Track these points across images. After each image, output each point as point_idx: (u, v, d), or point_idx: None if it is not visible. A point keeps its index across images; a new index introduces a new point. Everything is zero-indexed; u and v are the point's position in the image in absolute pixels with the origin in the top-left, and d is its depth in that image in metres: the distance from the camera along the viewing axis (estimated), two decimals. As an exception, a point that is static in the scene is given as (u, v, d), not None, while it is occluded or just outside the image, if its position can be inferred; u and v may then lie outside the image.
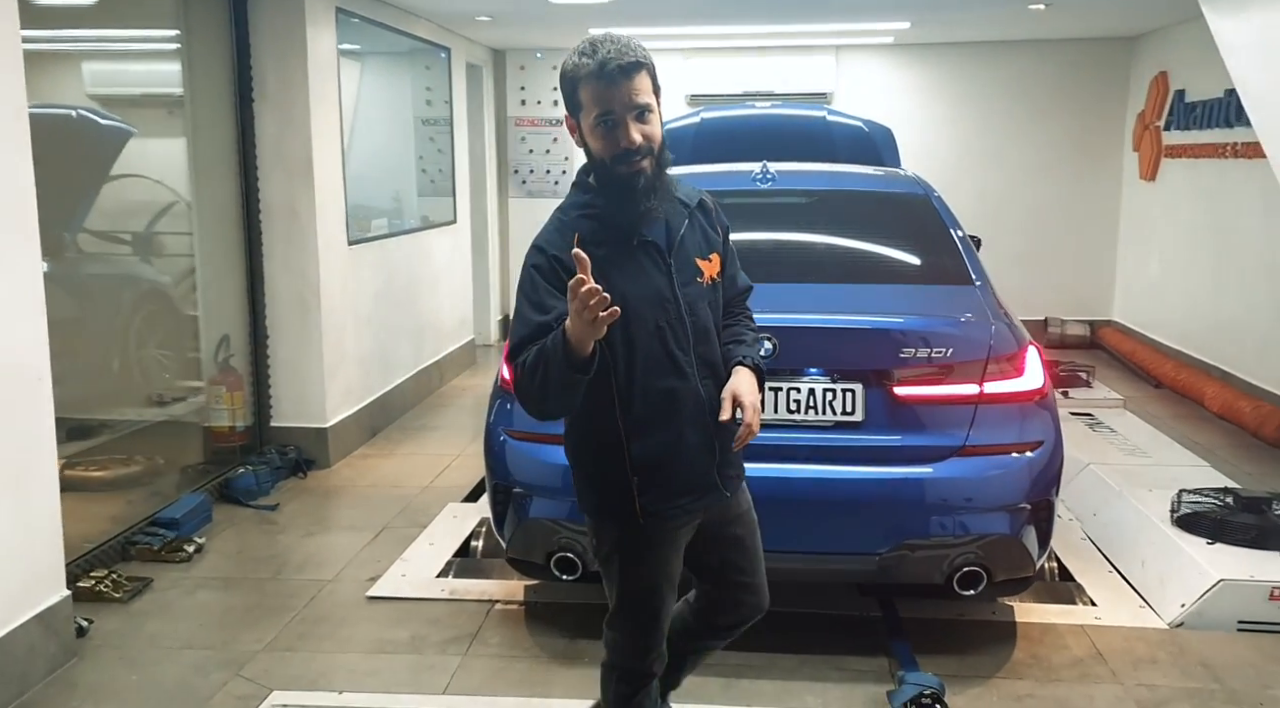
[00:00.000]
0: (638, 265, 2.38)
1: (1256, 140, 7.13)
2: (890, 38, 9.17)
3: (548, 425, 3.58)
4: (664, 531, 2.50)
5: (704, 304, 2.47)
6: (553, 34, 8.97)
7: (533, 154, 9.96)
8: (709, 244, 2.53)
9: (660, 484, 2.44)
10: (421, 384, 7.62)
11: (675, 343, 2.40)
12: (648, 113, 2.32)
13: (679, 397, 2.41)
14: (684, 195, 2.53)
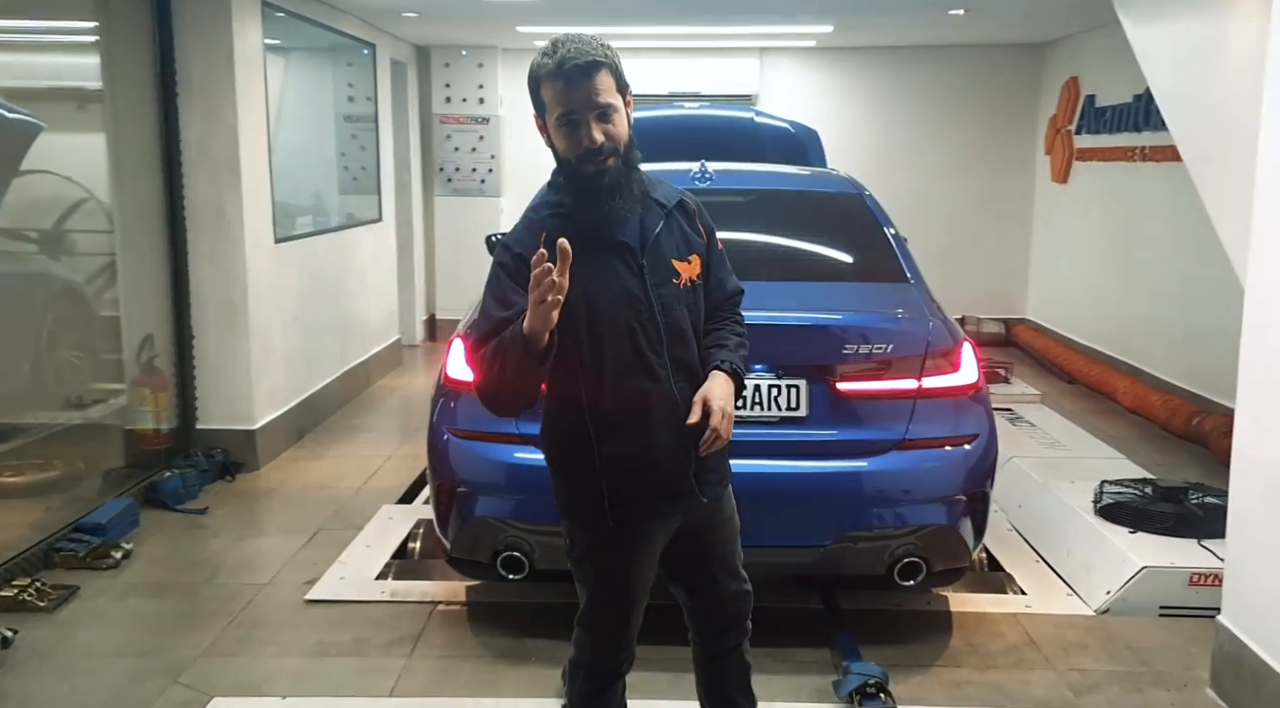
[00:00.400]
0: (608, 266, 2.36)
1: (1165, 144, 7.43)
2: (813, 41, 9.32)
3: (492, 424, 3.65)
4: (635, 533, 2.47)
5: (680, 306, 2.43)
6: (479, 31, 8.92)
7: (459, 152, 9.88)
8: (688, 245, 2.49)
9: (631, 487, 2.42)
10: (349, 385, 7.52)
11: (647, 344, 2.37)
12: (610, 112, 2.30)
13: (650, 399, 2.38)
14: (662, 195, 2.48)
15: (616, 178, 2.34)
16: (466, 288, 9.98)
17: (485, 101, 9.80)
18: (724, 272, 2.62)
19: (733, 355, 2.48)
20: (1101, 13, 7.70)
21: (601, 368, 2.36)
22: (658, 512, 2.47)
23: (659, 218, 2.45)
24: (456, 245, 9.98)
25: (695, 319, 2.48)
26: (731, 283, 2.64)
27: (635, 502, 2.44)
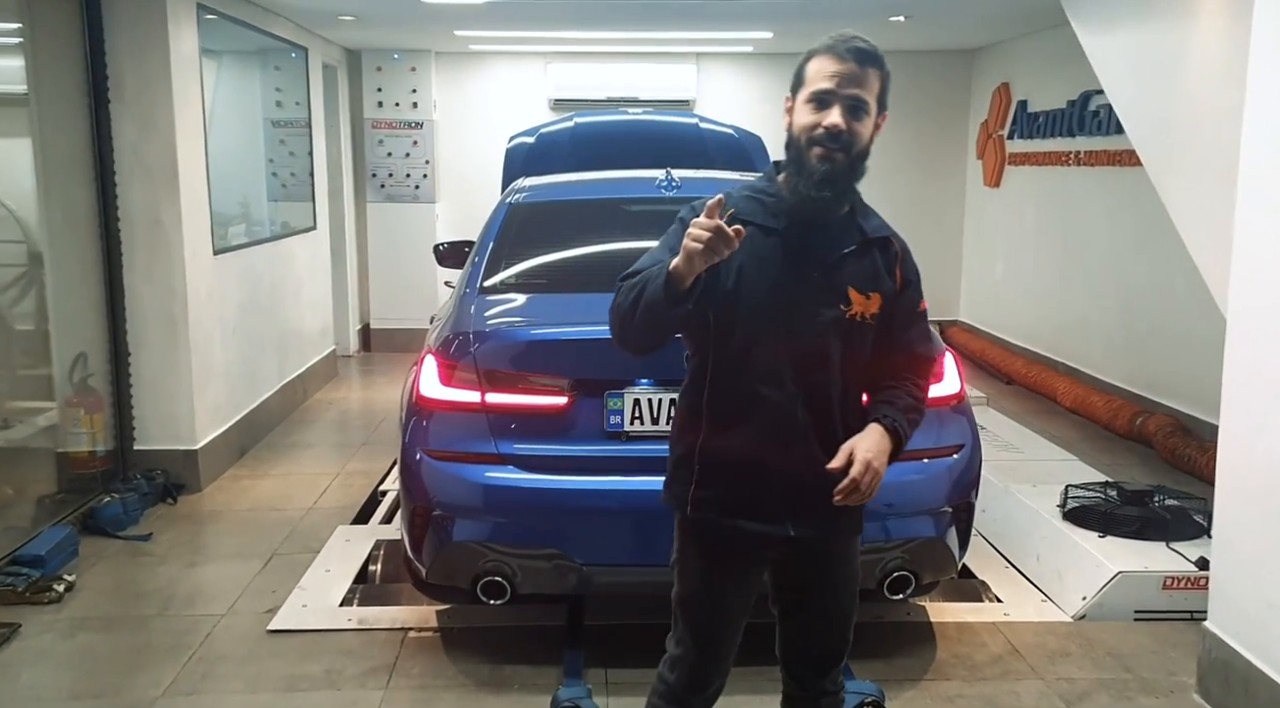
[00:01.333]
0: (777, 258, 2.25)
1: (1100, 149, 7.58)
2: (750, 47, 9.31)
3: (468, 444, 3.55)
4: (714, 538, 2.37)
5: (834, 336, 2.26)
6: (413, 35, 8.73)
7: (391, 157, 9.66)
8: (875, 282, 2.31)
9: (720, 486, 2.33)
10: (287, 399, 7.28)
11: (783, 354, 2.24)
12: (862, 109, 2.20)
13: (767, 407, 2.26)
14: (869, 225, 2.34)
15: (836, 173, 2.21)
16: (402, 296, 9.81)
17: (419, 106, 9.60)
18: (916, 334, 2.40)
19: (898, 415, 2.29)
20: (1033, 20, 7.86)
21: (730, 352, 2.27)
22: (741, 529, 2.33)
23: (854, 241, 2.31)
24: (390, 252, 9.78)
25: (849, 355, 2.29)
26: (923, 348, 2.42)
27: (720, 504, 2.34)
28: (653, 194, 4.42)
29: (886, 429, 2.25)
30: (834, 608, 2.51)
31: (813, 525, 2.34)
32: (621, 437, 3.48)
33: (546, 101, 9.71)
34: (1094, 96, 7.64)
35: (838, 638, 2.54)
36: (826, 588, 2.48)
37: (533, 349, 3.57)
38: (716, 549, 2.40)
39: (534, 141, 6.58)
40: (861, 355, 2.32)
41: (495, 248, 4.17)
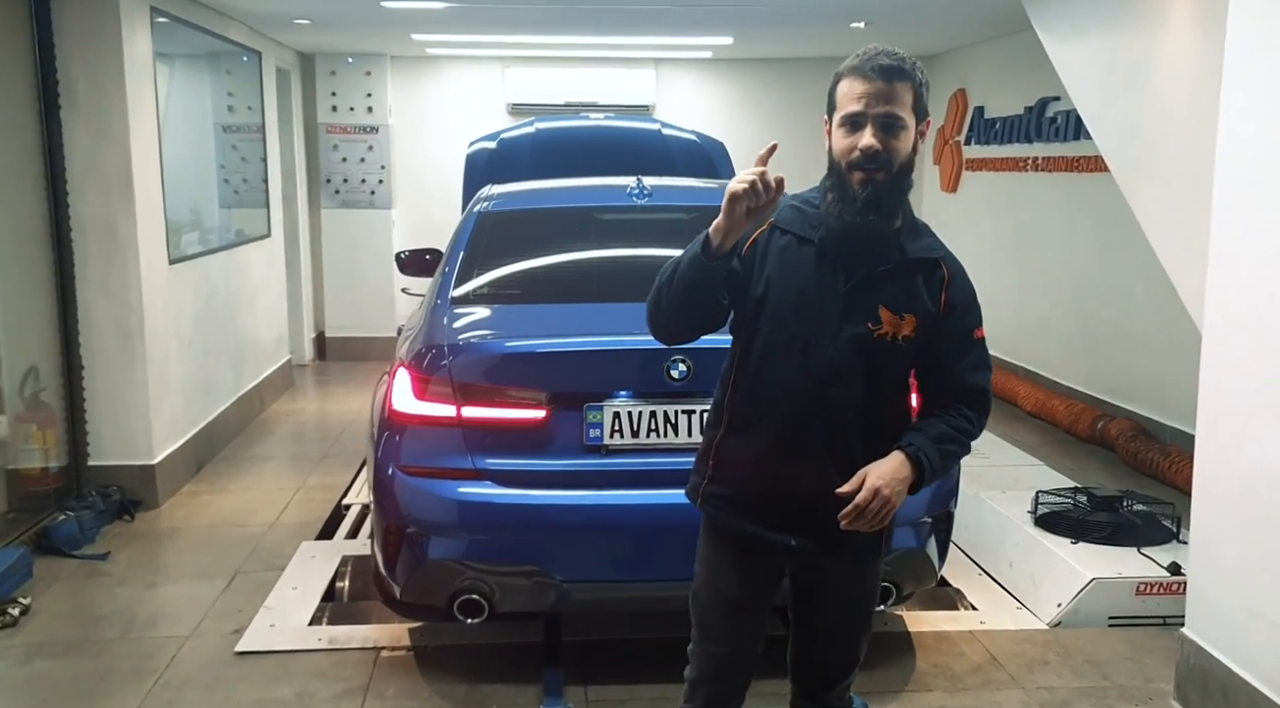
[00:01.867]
0: (808, 269, 2.25)
1: (1057, 155, 7.65)
2: (709, 53, 9.30)
3: (444, 459, 3.47)
4: (722, 534, 2.41)
5: (862, 353, 2.23)
6: (369, 39, 8.60)
7: (346, 163, 9.52)
8: (911, 303, 2.25)
9: (730, 486, 2.35)
10: (244, 410, 7.12)
11: (804, 365, 2.22)
12: (897, 126, 2.16)
13: (779, 416, 2.26)
14: (915, 247, 2.28)
15: (879, 194, 2.18)
16: (357, 303, 9.67)
17: (374, 110, 9.47)
18: (966, 363, 2.30)
19: (927, 444, 2.22)
20: (990, 27, 7.92)
21: (752, 363, 2.30)
22: (745, 530, 2.35)
23: (891, 260, 2.26)
24: (346, 259, 9.64)
25: (874, 375, 2.26)
26: (971, 378, 2.31)
27: (729, 502, 2.37)
28: (624, 202, 4.37)
29: (909, 457, 2.21)
30: (843, 624, 2.49)
31: (816, 541, 2.31)
32: (601, 450, 3.43)
33: (504, 106, 9.63)
34: (1051, 103, 7.71)
35: (844, 654, 2.52)
36: (835, 603, 2.46)
37: (510, 362, 3.50)
38: (722, 546, 2.43)
39: (495, 146, 6.50)
40: (892, 377, 2.28)
41: (466, 258, 4.09)
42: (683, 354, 3.37)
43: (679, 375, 3.38)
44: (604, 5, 6.80)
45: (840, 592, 2.45)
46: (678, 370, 3.37)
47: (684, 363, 3.37)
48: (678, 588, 3.45)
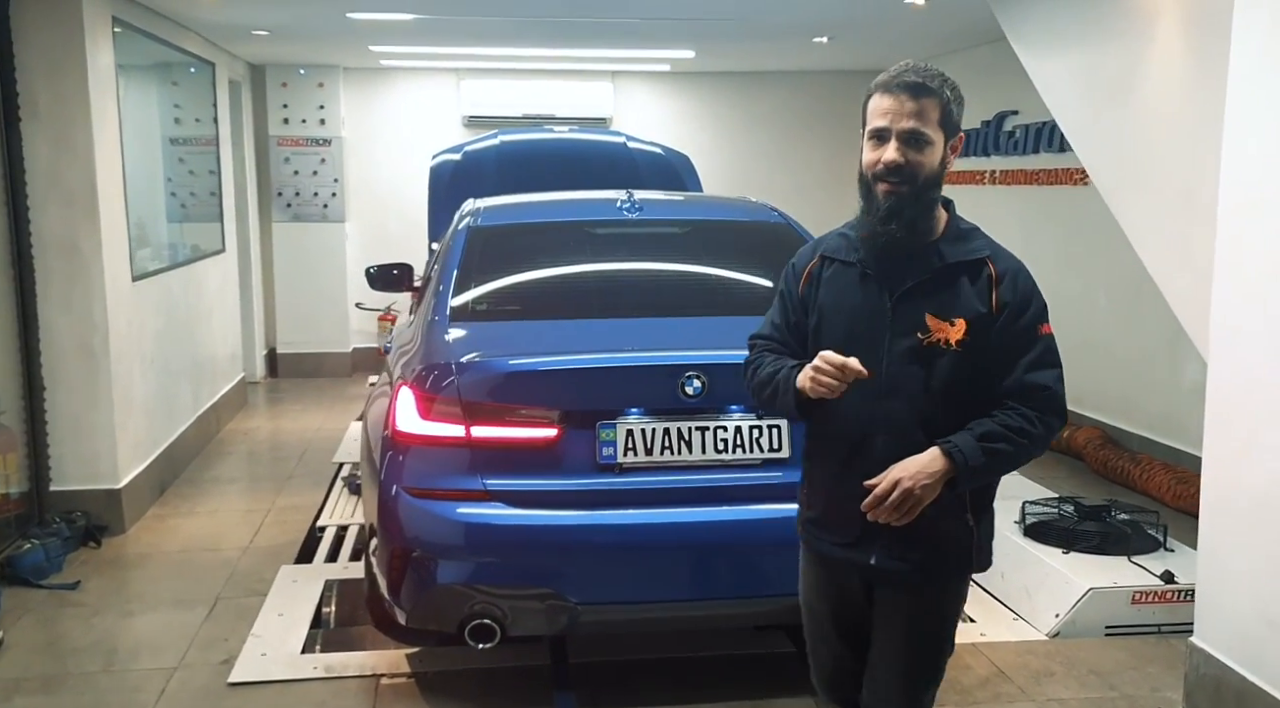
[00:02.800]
0: (854, 291, 2.35)
1: (1015, 168, 7.78)
2: (667, 66, 9.29)
3: (452, 480, 3.39)
4: (813, 556, 2.51)
5: (914, 363, 2.26)
6: (323, 50, 8.45)
7: (298, 176, 9.32)
8: (958, 307, 2.26)
9: (816, 509, 2.46)
10: (202, 431, 6.92)
11: (863, 387, 2.23)
12: (920, 140, 2.22)
13: (846, 436, 2.33)
14: (956, 251, 2.29)
15: (901, 205, 2.24)
16: (310, 319, 9.47)
17: (327, 122, 9.30)
18: (1026, 361, 2.26)
19: (967, 440, 2.21)
20: (946, 42, 8.02)
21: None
22: (822, 542, 2.45)
23: (933, 266, 2.29)
24: (298, 274, 9.44)
25: (939, 382, 2.26)
26: (1031, 376, 2.26)
27: (816, 525, 2.47)
28: (615, 216, 4.32)
29: (942, 452, 2.22)
30: (900, 659, 2.42)
31: (892, 555, 2.32)
32: (615, 469, 3.36)
33: (460, 118, 9.52)
34: (1009, 117, 7.84)
35: (902, 691, 2.44)
36: (898, 631, 2.41)
37: (521, 380, 3.42)
38: (813, 565, 2.53)
39: (460, 159, 6.44)
40: (952, 385, 2.27)
41: (460, 274, 3.99)
42: (697, 371, 3.33)
43: (693, 392, 3.33)
44: (569, 18, 6.76)
45: (905, 622, 2.40)
46: (692, 387, 3.33)
47: (698, 379, 3.33)
48: (694, 608, 3.47)
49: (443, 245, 4.42)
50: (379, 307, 9.40)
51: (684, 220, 4.52)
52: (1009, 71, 7.75)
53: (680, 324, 3.75)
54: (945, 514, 2.27)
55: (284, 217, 9.39)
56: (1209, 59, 3.85)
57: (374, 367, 9.51)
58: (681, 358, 3.36)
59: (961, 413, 2.27)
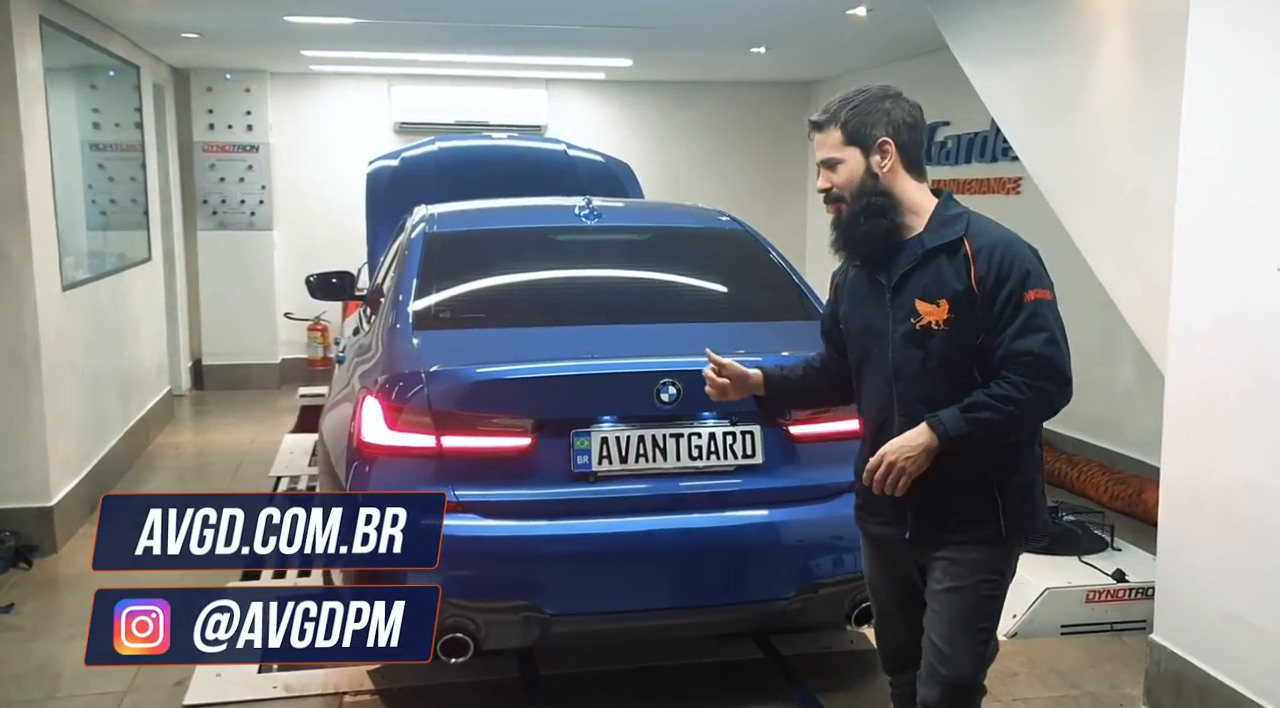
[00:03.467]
0: (869, 297, 2.58)
1: (948, 178, 7.91)
2: (602, 74, 9.28)
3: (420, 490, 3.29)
4: (867, 536, 2.73)
5: (912, 346, 2.47)
6: (250, 54, 8.27)
7: (224, 183, 9.09)
8: (939, 288, 2.43)
9: (861, 493, 2.65)
10: (131, 445, 6.69)
11: (880, 374, 2.54)
12: (836, 165, 2.52)
13: (873, 421, 2.59)
14: (935, 237, 2.46)
15: (849, 222, 2.52)
16: (237, 330, 9.22)
17: (254, 128, 9.08)
18: (1012, 329, 2.37)
19: (950, 413, 2.38)
20: (880, 53, 8.15)
21: (860, 386, 2.64)
22: (868, 523, 2.68)
23: (915, 257, 2.48)
24: (224, 284, 9.20)
25: (935, 361, 2.45)
26: (1015, 343, 2.37)
27: (862, 509, 2.68)
28: (575, 222, 4.29)
29: (928, 426, 2.41)
30: (948, 629, 2.49)
31: (922, 530, 2.52)
32: (590, 477, 3.32)
33: (391, 125, 9.38)
34: (941, 128, 7.98)
35: (937, 657, 2.50)
36: (943, 601, 2.51)
37: (493, 388, 3.36)
38: (869, 547, 2.75)
39: (398, 165, 6.32)
40: (947, 361, 2.44)
41: (421, 281, 3.91)
42: (672, 377, 3.31)
43: (669, 399, 3.31)
44: (506, 24, 6.71)
45: (954, 580, 2.49)
46: (667, 393, 3.31)
47: (674, 386, 3.31)
48: (671, 617, 3.45)
49: (397, 252, 4.32)
50: (308, 316, 9.20)
51: (644, 227, 4.51)
52: (939, 83, 7.91)
53: (652, 330, 3.73)
54: (967, 489, 2.45)
55: (210, 225, 9.15)
56: (1157, 68, 3.96)
57: (304, 378, 9.34)
58: (657, 364, 3.34)
59: (964, 390, 2.42)
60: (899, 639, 2.74)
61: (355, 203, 7.60)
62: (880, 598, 2.77)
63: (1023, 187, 7.05)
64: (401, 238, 4.44)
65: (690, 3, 6.09)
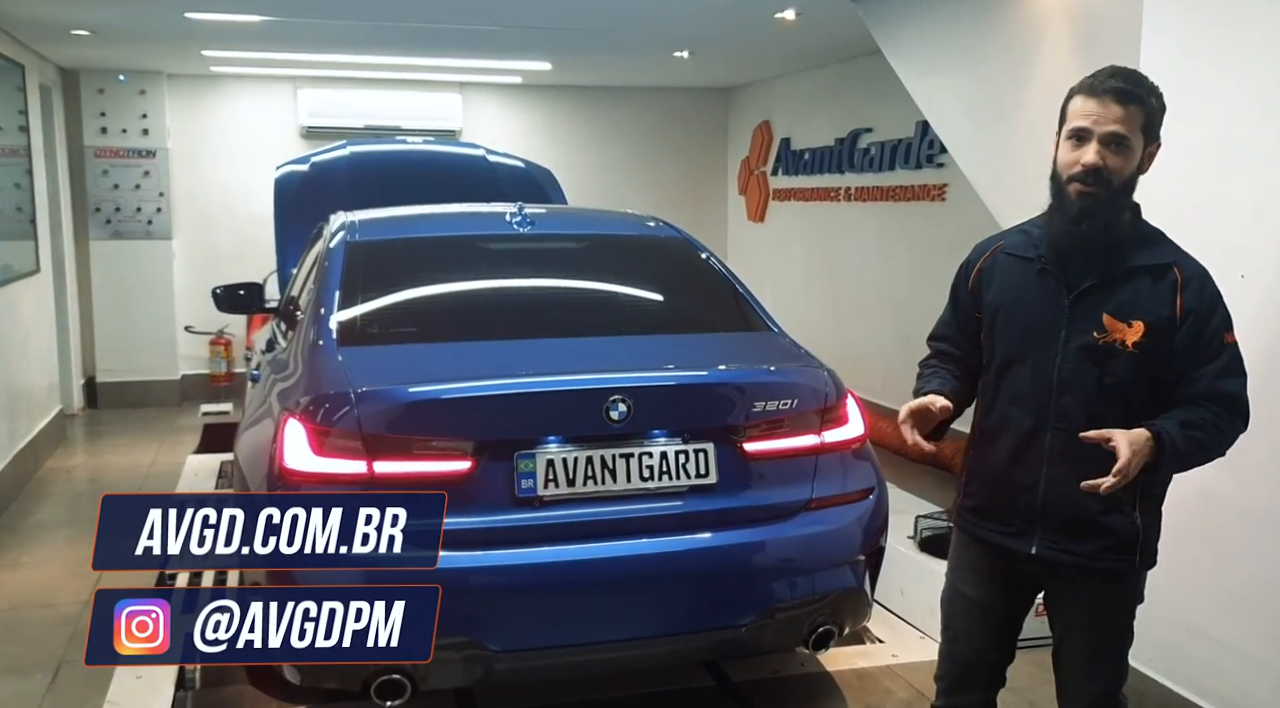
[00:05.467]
0: (1032, 287, 2.40)
1: (870, 185, 7.89)
2: (518, 78, 9.06)
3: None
4: (968, 543, 2.57)
5: (1089, 362, 2.33)
6: (147, 54, 7.83)
7: (119, 190, 8.62)
8: (1137, 308, 2.30)
9: (977, 497, 2.52)
10: (20, 470, 6.24)
11: (1037, 378, 2.36)
12: (1121, 146, 2.26)
13: (1014, 428, 2.40)
14: (1141, 255, 2.34)
15: (1094, 207, 2.28)
16: (134, 345, 8.75)
17: (150, 132, 8.64)
18: (1212, 368, 2.29)
19: (1170, 425, 2.25)
20: (805, 58, 8.10)
21: (997, 381, 2.46)
22: (983, 534, 2.51)
23: (1118, 269, 2.33)
24: (119, 296, 8.72)
25: (1113, 380, 2.32)
26: (1219, 384, 2.29)
27: (974, 512, 2.53)
28: (507, 231, 4.08)
29: (1152, 433, 2.24)
30: (1083, 656, 2.49)
31: (1055, 547, 2.40)
32: (535, 502, 3.10)
33: (297, 129, 9.02)
34: (863, 134, 7.96)
35: (1093, 684, 2.50)
36: (1077, 631, 2.50)
37: (430, 408, 3.12)
38: (969, 550, 2.59)
39: (307, 170, 6.06)
40: (1125, 383, 2.31)
41: (344, 294, 3.65)
42: (622, 394, 3.12)
43: (618, 417, 3.12)
44: (419, 23, 6.45)
45: (1087, 611, 2.48)
46: (617, 411, 3.11)
47: (624, 403, 3.11)
48: (625, 649, 3.24)
49: (316, 262, 4.05)
50: (211, 330, 8.78)
51: (581, 235, 4.31)
52: (862, 89, 7.92)
53: (597, 344, 3.54)
54: (1112, 509, 2.33)
55: (103, 234, 8.66)
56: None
57: (207, 395, 8.91)
58: (606, 381, 3.14)
59: (1131, 415, 2.30)
60: (977, 660, 2.63)
61: (260, 210, 7.27)
62: (969, 612, 2.60)
63: (948, 194, 7.04)
64: (319, 246, 4.17)
65: (614, 5, 5.92)
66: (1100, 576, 2.43)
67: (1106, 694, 2.53)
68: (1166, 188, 3.24)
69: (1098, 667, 2.51)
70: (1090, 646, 2.50)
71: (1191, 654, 3.25)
